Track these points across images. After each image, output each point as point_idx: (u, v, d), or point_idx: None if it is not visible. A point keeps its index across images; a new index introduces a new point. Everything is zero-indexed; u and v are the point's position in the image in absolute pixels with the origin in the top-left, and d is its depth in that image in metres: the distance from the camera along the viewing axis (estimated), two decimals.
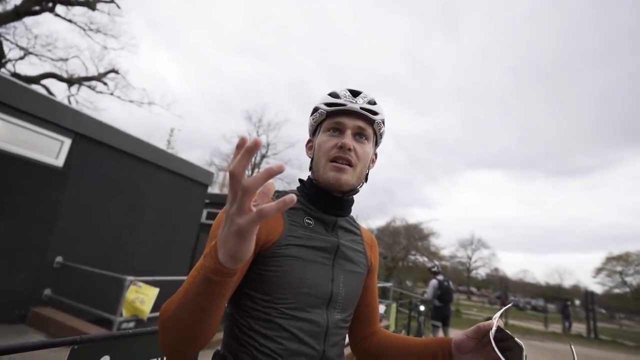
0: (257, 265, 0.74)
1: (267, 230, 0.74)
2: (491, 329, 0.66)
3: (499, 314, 0.71)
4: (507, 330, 0.65)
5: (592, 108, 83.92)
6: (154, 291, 4.19)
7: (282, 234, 0.76)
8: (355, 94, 0.86)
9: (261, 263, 0.74)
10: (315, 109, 0.90)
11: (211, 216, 9.54)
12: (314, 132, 0.93)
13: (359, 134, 0.85)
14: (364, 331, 0.99)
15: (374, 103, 0.87)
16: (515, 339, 0.62)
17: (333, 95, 0.87)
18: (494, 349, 0.62)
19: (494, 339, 0.64)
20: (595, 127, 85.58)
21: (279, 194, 0.82)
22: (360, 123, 0.85)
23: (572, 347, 0.68)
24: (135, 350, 1.15)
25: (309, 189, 0.87)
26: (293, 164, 26.18)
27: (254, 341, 0.73)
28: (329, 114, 0.86)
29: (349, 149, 0.81)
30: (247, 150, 0.44)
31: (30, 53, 13.42)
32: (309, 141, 0.96)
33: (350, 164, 0.82)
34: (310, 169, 0.91)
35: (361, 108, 0.84)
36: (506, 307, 0.78)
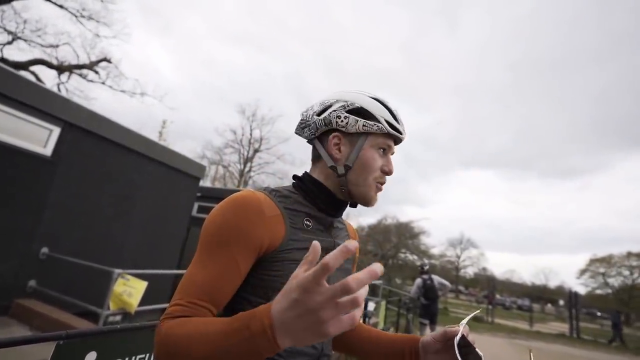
0: (258, 271, 0.73)
1: (269, 236, 0.72)
2: (456, 335, 0.73)
3: (465, 321, 0.78)
4: (469, 339, 0.72)
5: (588, 109, 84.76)
6: (143, 284, 4.15)
7: (284, 239, 0.74)
8: (398, 118, 0.87)
9: (263, 268, 0.73)
10: (371, 115, 0.81)
11: (202, 210, 9.46)
12: (353, 132, 0.82)
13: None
14: None
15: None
16: (476, 348, 0.71)
17: (394, 115, 0.84)
18: (455, 353, 0.70)
19: (457, 345, 0.71)
20: (589, 129, 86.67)
21: (277, 192, 0.80)
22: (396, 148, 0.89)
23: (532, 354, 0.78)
24: (122, 346, 1.12)
25: (311, 188, 0.83)
26: (286, 159, 26.12)
27: None
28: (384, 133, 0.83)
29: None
30: (369, 278, 0.41)
31: (19, 38, 13.08)
32: (337, 136, 0.83)
33: None
34: (332, 167, 0.83)
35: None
36: (471, 315, 0.85)
